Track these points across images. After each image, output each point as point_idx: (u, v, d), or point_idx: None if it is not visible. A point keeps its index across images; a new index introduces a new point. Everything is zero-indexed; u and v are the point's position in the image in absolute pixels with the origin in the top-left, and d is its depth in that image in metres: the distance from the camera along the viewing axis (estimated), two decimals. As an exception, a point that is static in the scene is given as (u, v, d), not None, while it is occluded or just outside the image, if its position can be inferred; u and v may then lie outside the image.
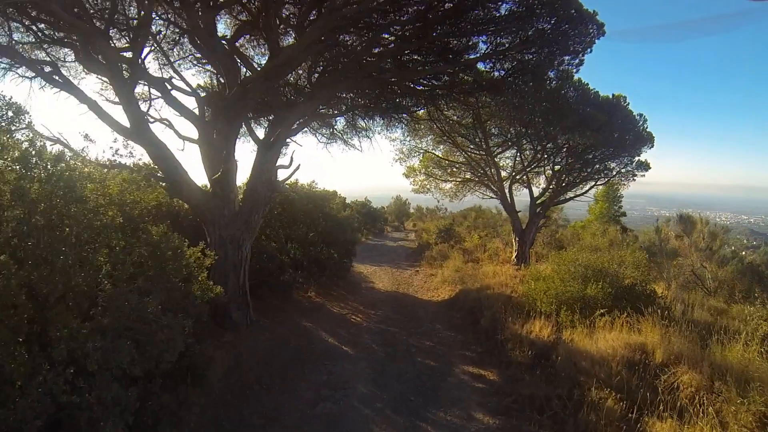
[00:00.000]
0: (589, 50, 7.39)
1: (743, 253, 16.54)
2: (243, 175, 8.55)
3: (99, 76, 6.97)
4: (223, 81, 6.78)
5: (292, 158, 7.48)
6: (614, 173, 11.99)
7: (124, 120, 6.11)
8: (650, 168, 12.45)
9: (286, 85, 8.69)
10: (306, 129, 9.68)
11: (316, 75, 6.96)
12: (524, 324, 6.54)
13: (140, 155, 5.93)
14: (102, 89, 8.58)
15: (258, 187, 6.36)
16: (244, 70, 7.82)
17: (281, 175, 7.71)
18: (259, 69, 6.15)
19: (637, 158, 11.98)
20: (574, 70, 7.57)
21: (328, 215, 11.36)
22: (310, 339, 6.84)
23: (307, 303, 9.04)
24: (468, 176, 13.18)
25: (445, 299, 9.98)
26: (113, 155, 5.33)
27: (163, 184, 6.52)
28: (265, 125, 8.65)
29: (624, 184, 12.42)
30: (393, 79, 7.43)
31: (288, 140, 6.97)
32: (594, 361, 5.10)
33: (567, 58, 7.60)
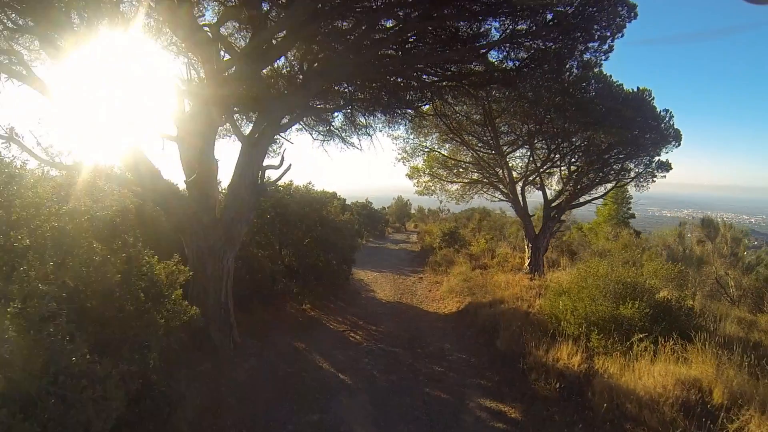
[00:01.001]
0: (619, 35, 6.52)
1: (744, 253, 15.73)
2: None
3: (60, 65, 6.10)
4: (204, 72, 5.91)
5: (282, 157, 6.62)
6: (633, 174, 11.09)
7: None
8: (672, 168, 11.59)
9: (278, 77, 7.83)
10: (301, 126, 8.83)
11: (307, 64, 6.08)
12: (549, 349, 5.67)
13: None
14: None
15: (241, 191, 5.50)
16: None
17: (272, 176, 6.87)
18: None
19: (657, 158, 11.10)
20: (603, 58, 6.68)
21: (325, 219, 10.49)
22: (302, 365, 5.97)
23: (301, 317, 8.18)
24: (475, 177, 12.30)
25: (453, 312, 9.11)
26: (46, 153, 4.46)
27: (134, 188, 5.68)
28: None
29: (643, 186, 11.51)
30: (395, 68, 6.58)
31: (277, 137, 6.11)
32: (642, 404, 4.23)
33: (594, 44, 6.72)
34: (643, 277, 6.28)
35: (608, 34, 6.75)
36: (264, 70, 8.03)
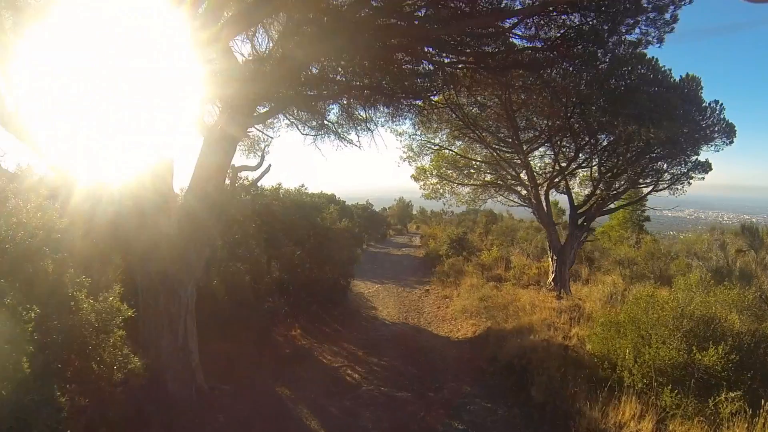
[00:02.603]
0: (684, 2, 5.18)
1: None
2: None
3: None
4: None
5: (263, 156, 5.34)
6: (668, 176, 9.72)
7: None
8: (711, 169, 10.27)
9: (260, 61, 6.51)
10: (290, 120, 7.50)
11: (288, 35, 4.72)
12: (605, 407, 4.35)
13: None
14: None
15: (200, 201, 4.19)
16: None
17: (253, 181, 5.57)
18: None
19: (695, 157, 9.75)
20: (667, 30, 5.32)
21: (319, 228, 9.19)
22: (285, 424, 4.66)
23: (288, 348, 6.87)
24: (488, 179, 10.95)
25: (468, 337, 7.80)
26: None
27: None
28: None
29: (678, 189, 10.14)
30: (400, 41, 5.29)
31: (250, 130, 4.81)
32: None
33: (651, 15, 5.39)
34: (717, 308, 4.95)
35: (667, 1, 5.42)
36: (246, 55, 6.73)
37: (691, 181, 10.26)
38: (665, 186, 9.18)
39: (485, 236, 21.57)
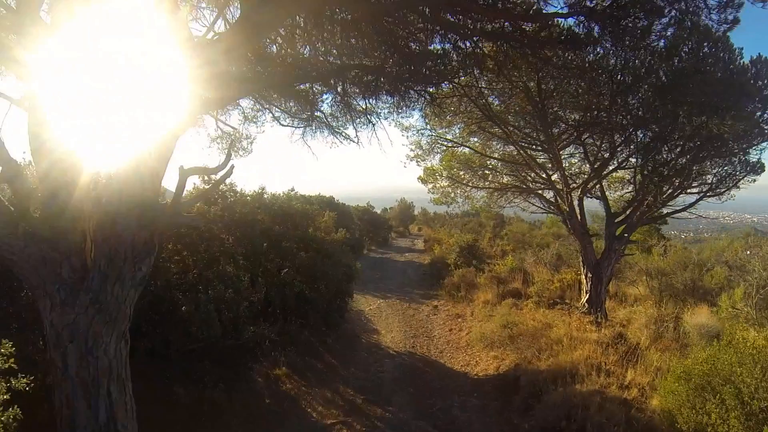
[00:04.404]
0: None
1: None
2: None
3: None
4: None
5: (229, 153, 3.99)
6: (721, 177, 8.31)
7: None
8: (765, 170, 8.91)
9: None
10: (270, 108, 6.17)
11: None
12: None
13: None
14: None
15: (119, 220, 2.85)
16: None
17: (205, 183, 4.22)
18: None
19: (745, 157, 8.39)
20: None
21: (312, 240, 7.84)
22: None
23: (269, 398, 5.51)
24: (506, 181, 9.59)
25: (490, 375, 6.44)
26: None
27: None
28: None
29: (724, 194, 8.75)
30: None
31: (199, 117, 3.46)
32: None
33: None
34: None
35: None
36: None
37: (740, 185, 8.91)
38: (722, 190, 7.79)
39: (494, 240, 20.24)
